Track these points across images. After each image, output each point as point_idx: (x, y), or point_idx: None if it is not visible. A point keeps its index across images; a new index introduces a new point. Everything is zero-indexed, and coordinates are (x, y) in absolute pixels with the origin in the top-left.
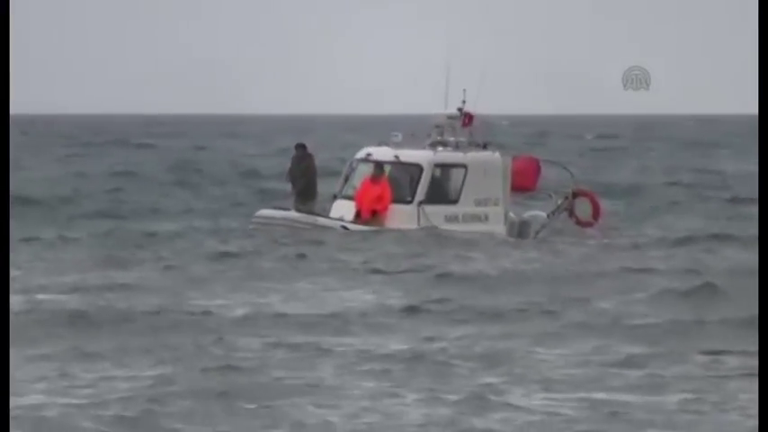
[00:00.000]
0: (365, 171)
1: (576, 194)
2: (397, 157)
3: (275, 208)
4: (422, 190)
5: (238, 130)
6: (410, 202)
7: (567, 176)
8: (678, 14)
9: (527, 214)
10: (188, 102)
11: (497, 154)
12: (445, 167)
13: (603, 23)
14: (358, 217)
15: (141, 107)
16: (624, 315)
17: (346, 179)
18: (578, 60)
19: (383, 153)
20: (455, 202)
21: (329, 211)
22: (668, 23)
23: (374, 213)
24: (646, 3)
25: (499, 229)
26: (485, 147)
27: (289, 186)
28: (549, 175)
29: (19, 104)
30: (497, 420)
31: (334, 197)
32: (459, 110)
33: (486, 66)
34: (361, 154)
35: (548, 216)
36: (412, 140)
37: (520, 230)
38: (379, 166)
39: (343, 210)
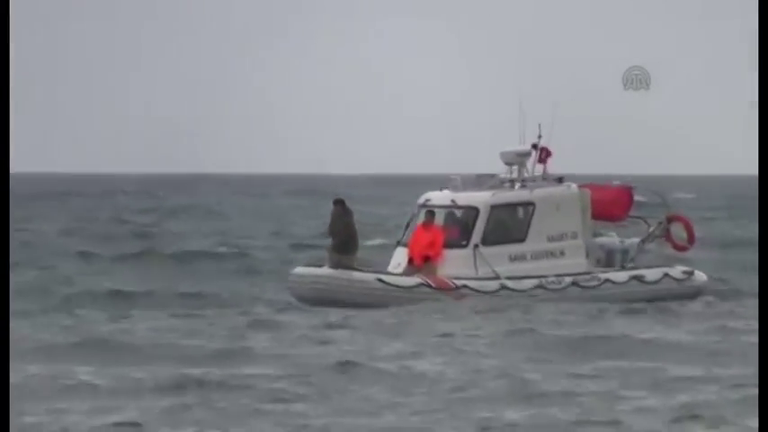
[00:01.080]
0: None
1: (670, 220)
2: (453, 201)
3: (310, 265)
4: (478, 233)
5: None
6: (465, 245)
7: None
8: None
9: (627, 241)
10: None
11: (573, 187)
12: (507, 207)
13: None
14: (411, 264)
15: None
16: None
17: (407, 226)
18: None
19: (442, 197)
20: (522, 240)
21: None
22: None
23: (427, 259)
24: None
25: (579, 262)
26: (560, 180)
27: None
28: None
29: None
30: None
31: (397, 244)
32: (534, 146)
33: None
34: (421, 200)
35: (642, 241)
36: (477, 181)
37: (608, 260)
38: (429, 212)
39: (401, 257)
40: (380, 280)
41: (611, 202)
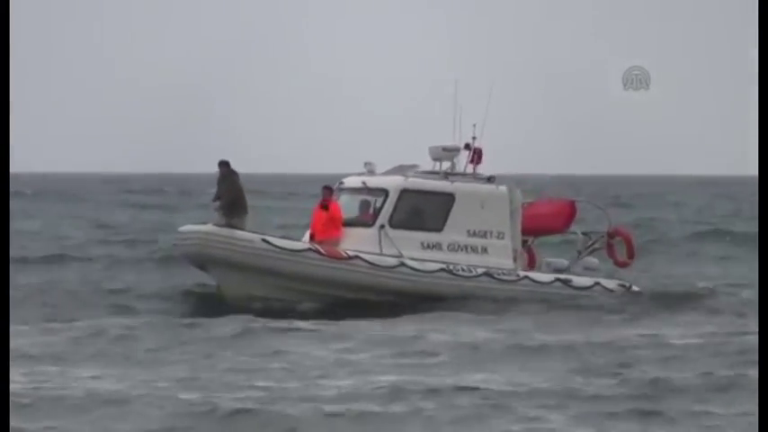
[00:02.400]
0: (341, 199)
1: (611, 234)
2: (364, 183)
3: (199, 223)
4: (385, 214)
5: None
6: (371, 225)
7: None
8: None
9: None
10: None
11: (503, 188)
12: (422, 194)
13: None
14: (312, 239)
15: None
16: None
17: None
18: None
19: (354, 180)
20: (437, 230)
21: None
22: None
23: (325, 232)
24: None
25: (504, 262)
26: (489, 180)
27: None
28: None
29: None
30: None
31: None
32: (467, 145)
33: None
34: (336, 184)
35: (578, 252)
36: (397, 170)
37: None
38: (326, 188)
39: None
40: (266, 241)
41: (552, 215)
